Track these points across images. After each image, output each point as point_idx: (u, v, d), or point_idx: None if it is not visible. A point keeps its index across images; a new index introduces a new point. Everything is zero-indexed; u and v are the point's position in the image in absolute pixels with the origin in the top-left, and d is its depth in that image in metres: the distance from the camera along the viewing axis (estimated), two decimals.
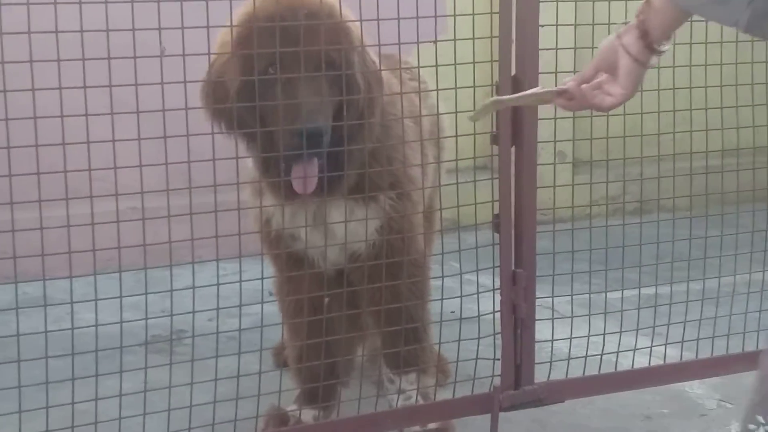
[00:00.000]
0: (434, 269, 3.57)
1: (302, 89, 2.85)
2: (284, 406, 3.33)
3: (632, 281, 3.58)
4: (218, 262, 2.90)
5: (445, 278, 3.25)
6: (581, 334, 3.38)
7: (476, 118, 2.37)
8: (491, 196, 3.19)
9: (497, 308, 3.27)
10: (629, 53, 1.99)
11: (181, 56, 2.64)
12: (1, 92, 2.56)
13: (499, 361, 3.28)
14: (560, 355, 3.44)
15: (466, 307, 3.26)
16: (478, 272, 3.22)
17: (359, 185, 3.06)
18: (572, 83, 2.11)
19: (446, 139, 3.50)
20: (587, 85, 2.09)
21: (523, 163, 3.19)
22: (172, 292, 2.87)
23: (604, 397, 3.52)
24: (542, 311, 3.39)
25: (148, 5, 2.62)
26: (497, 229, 3.21)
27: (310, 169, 2.91)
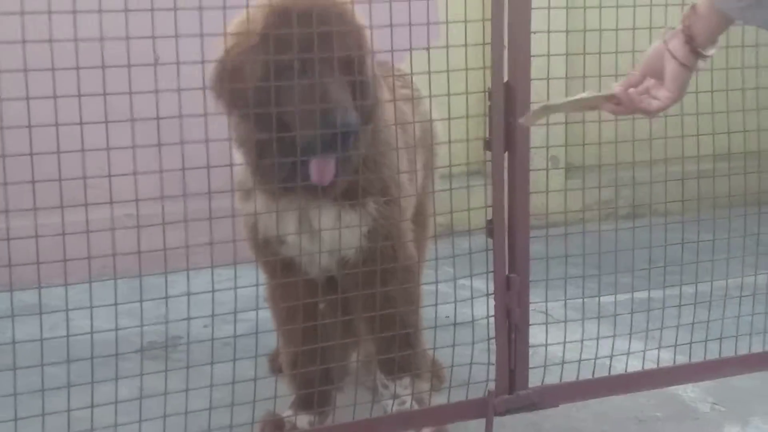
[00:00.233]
0: (428, 274, 3.58)
1: (331, 82, 2.87)
2: (280, 412, 3.34)
3: (625, 285, 3.60)
4: (213, 268, 2.90)
5: (439, 283, 3.26)
6: (575, 338, 3.39)
7: (528, 123, 2.42)
8: (484, 201, 3.20)
9: (491, 313, 3.28)
10: (676, 58, 2.08)
11: (175, 64, 2.66)
12: None
13: (493, 365, 3.29)
14: (554, 359, 3.45)
15: (460, 311, 3.27)
16: (472, 277, 3.23)
17: (348, 191, 3.07)
18: (620, 88, 2.18)
19: (439, 144, 3.52)
20: (634, 89, 2.16)
21: (516, 168, 3.20)
22: (167, 298, 2.88)
23: (598, 400, 3.53)
24: (536, 316, 3.40)
25: (141, 14, 2.64)
26: (491, 234, 3.22)
27: (329, 159, 2.93)
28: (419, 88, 3.42)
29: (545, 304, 3.37)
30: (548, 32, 3.11)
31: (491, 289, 3.26)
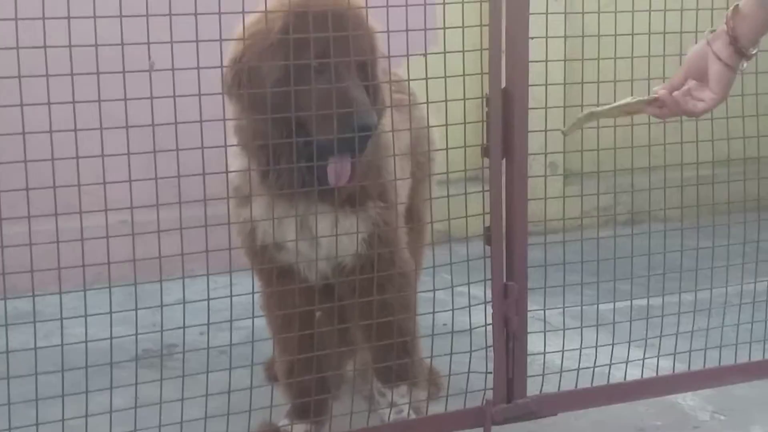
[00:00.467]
0: (425, 282, 3.56)
1: (350, 82, 2.87)
2: (276, 421, 3.32)
3: (624, 293, 3.57)
4: (208, 276, 2.89)
5: (436, 291, 3.24)
6: (573, 346, 3.37)
7: (569, 131, 2.44)
8: (482, 208, 3.18)
9: (489, 321, 3.26)
10: (720, 59, 2.09)
11: (170, 70, 2.64)
12: None
13: (491, 374, 3.27)
14: (552, 367, 3.43)
15: (458, 319, 3.25)
16: (469, 285, 3.21)
17: (348, 196, 3.05)
18: (663, 91, 2.22)
19: (437, 151, 3.50)
20: (678, 92, 2.19)
21: (514, 175, 3.18)
22: (162, 306, 2.86)
23: (596, 409, 3.51)
24: (534, 323, 3.38)
25: (136, 20, 2.62)
26: (488, 241, 3.20)
27: (346, 161, 2.91)
28: (415, 93, 3.40)
29: (543, 311, 3.34)
30: (546, 38, 3.10)
31: (489, 296, 3.25)
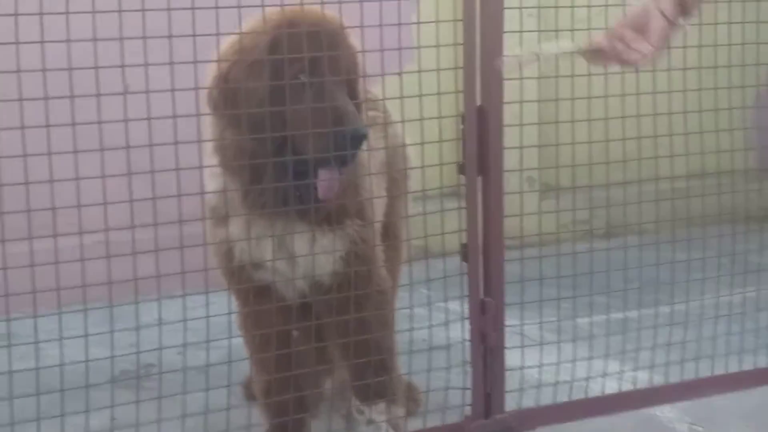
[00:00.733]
0: (403, 298, 3.56)
1: (339, 95, 2.87)
2: None
3: (601, 306, 3.59)
4: (185, 297, 2.88)
5: (414, 307, 3.24)
6: (551, 360, 3.38)
7: (507, 68, 2.56)
8: (459, 225, 3.19)
9: (467, 336, 3.26)
10: (665, 16, 2.36)
11: (144, 93, 2.64)
12: None
13: (469, 390, 3.27)
14: (531, 381, 3.43)
15: (436, 335, 3.25)
16: (446, 301, 3.21)
17: (326, 214, 3.05)
18: (604, 39, 2.44)
19: (413, 169, 3.50)
20: (618, 42, 2.41)
21: (490, 192, 3.19)
22: (138, 328, 2.85)
23: (575, 423, 3.50)
24: (512, 338, 3.38)
25: (110, 43, 2.61)
26: (465, 258, 3.21)
27: (335, 174, 2.91)
28: (389, 111, 3.40)
29: (521, 326, 3.35)
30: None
31: (467, 312, 3.25)
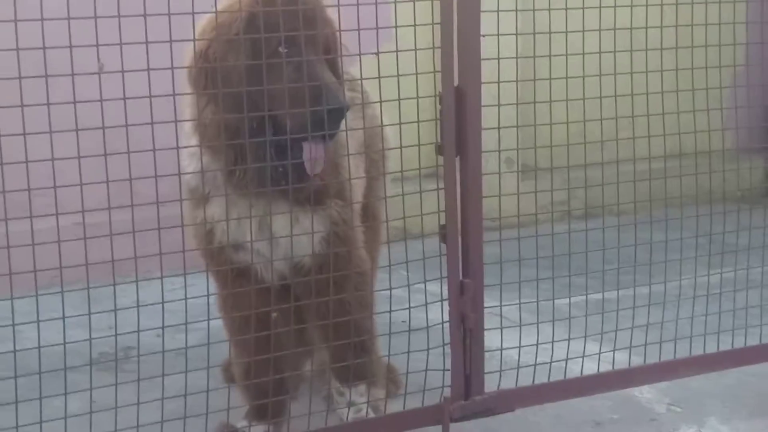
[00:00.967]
0: (382, 279, 3.56)
1: (319, 69, 2.88)
2: (234, 422, 3.30)
3: (580, 287, 3.59)
4: (162, 279, 2.86)
5: (393, 289, 3.24)
6: (530, 341, 3.38)
7: None
8: (437, 206, 3.18)
9: (446, 318, 3.26)
10: None
11: (120, 72, 2.62)
12: None
13: (449, 371, 3.27)
14: (510, 363, 3.44)
15: (415, 316, 3.25)
16: (425, 282, 3.21)
17: (307, 194, 3.04)
18: None
19: (391, 149, 3.50)
20: None
21: (468, 173, 3.18)
22: (116, 310, 2.84)
23: (554, 404, 3.52)
24: (491, 319, 3.38)
25: (85, 22, 2.59)
26: (444, 239, 3.20)
27: (320, 146, 2.91)
28: (368, 92, 3.39)
29: (500, 307, 3.35)
30: (498, 35, 3.10)
31: (446, 293, 3.25)
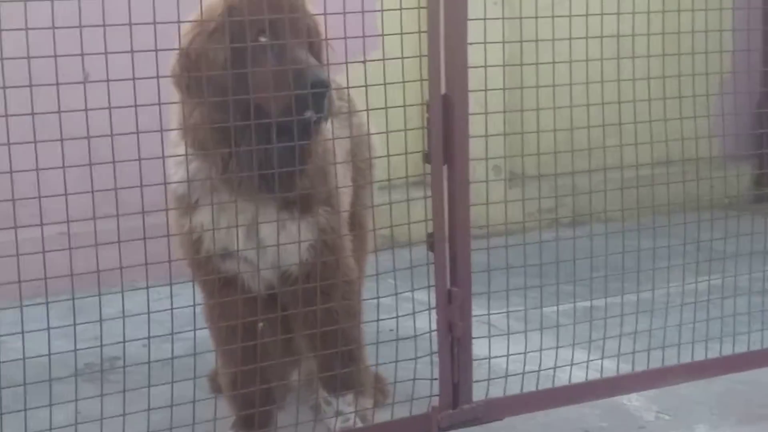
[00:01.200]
0: (370, 288, 3.55)
1: (300, 52, 2.88)
2: None
3: (568, 295, 3.59)
4: (148, 289, 2.85)
5: (381, 298, 3.23)
6: (518, 349, 3.37)
7: None
8: (425, 214, 3.18)
9: (434, 327, 3.25)
10: None
11: (105, 81, 2.61)
12: None
13: (437, 380, 3.26)
14: (498, 371, 3.43)
15: (403, 324, 3.24)
16: (413, 292, 3.20)
17: (296, 201, 3.03)
18: None
19: (378, 158, 3.49)
20: None
21: (455, 181, 3.18)
22: (101, 320, 2.82)
23: (543, 412, 3.51)
24: (479, 327, 3.38)
25: (70, 31, 2.57)
26: (431, 248, 3.19)
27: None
28: (354, 100, 3.39)
29: (488, 315, 3.34)
30: (485, 43, 3.10)
31: (433, 302, 3.24)
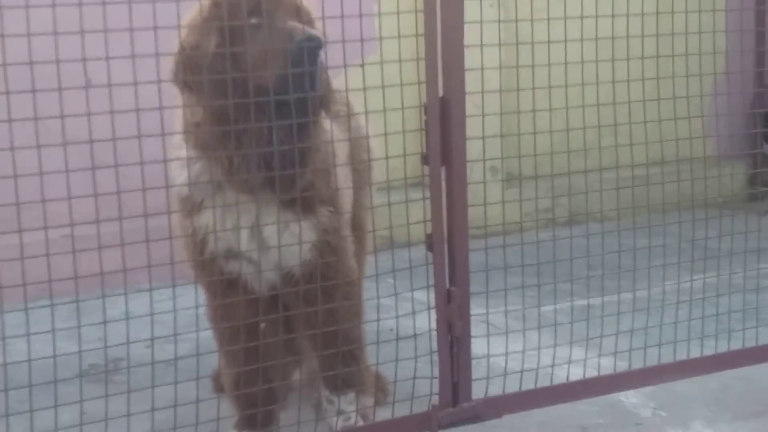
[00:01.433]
0: (369, 288, 3.58)
1: (290, 23, 2.90)
2: None
3: (565, 293, 3.62)
4: (151, 291, 2.88)
5: (381, 298, 3.27)
6: (517, 348, 3.41)
7: None
8: (423, 215, 3.21)
9: (433, 326, 3.29)
10: None
11: (107, 86, 2.64)
12: None
13: (436, 379, 3.29)
14: (497, 369, 3.47)
15: (402, 324, 3.27)
16: (413, 291, 3.24)
17: (300, 201, 3.07)
18: None
19: (376, 160, 3.52)
20: None
21: (453, 182, 3.21)
22: (105, 322, 2.85)
23: (541, 410, 3.55)
24: (478, 326, 3.42)
25: (72, 37, 2.61)
26: (430, 248, 3.23)
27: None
28: (352, 103, 3.42)
29: (486, 314, 3.38)
30: (481, 46, 3.13)
31: (433, 301, 3.27)
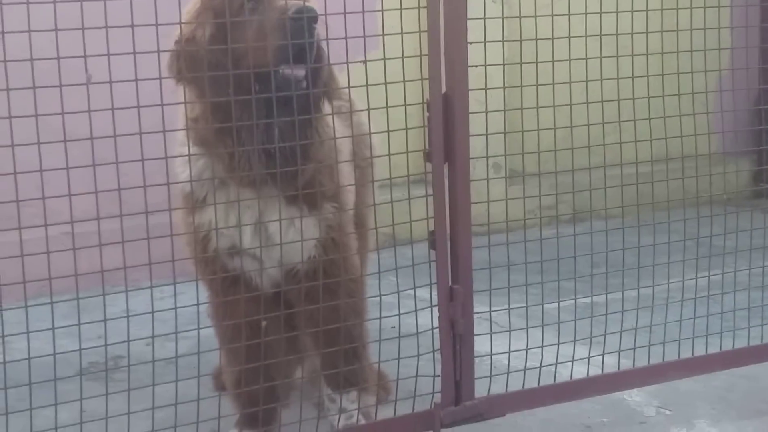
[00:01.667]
0: (372, 285, 3.57)
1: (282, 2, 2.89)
2: (225, 431, 3.30)
3: (568, 291, 3.60)
4: (152, 288, 2.87)
5: (383, 295, 3.25)
6: (520, 346, 3.39)
7: None
8: (426, 212, 3.19)
9: (436, 324, 3.27)
10: None
11: (107, 83, 2.62)
12: None
13: (439, 377, 3.28)
14: (500, 367, 3.45)
15: (405, 322, 3.25)
16: (415, 290, 3.22)
17: (304, 197, 3.05)
18: None
19: (379, 157, 3.50)
20: None
21: (456, 179, 3.20)
22: (106, 320, 2.84)
23: (544, 408, 3.53)
24: (481, 324, 3.40)
25: (72, 33, 2.59)
26: (433, 246, 3.21)
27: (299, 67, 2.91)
28: (354, 100, 3.40)
29: (489, 312, 3.36)
30: (484, 42, 3.11)
31: (435, 299, 3.26)
